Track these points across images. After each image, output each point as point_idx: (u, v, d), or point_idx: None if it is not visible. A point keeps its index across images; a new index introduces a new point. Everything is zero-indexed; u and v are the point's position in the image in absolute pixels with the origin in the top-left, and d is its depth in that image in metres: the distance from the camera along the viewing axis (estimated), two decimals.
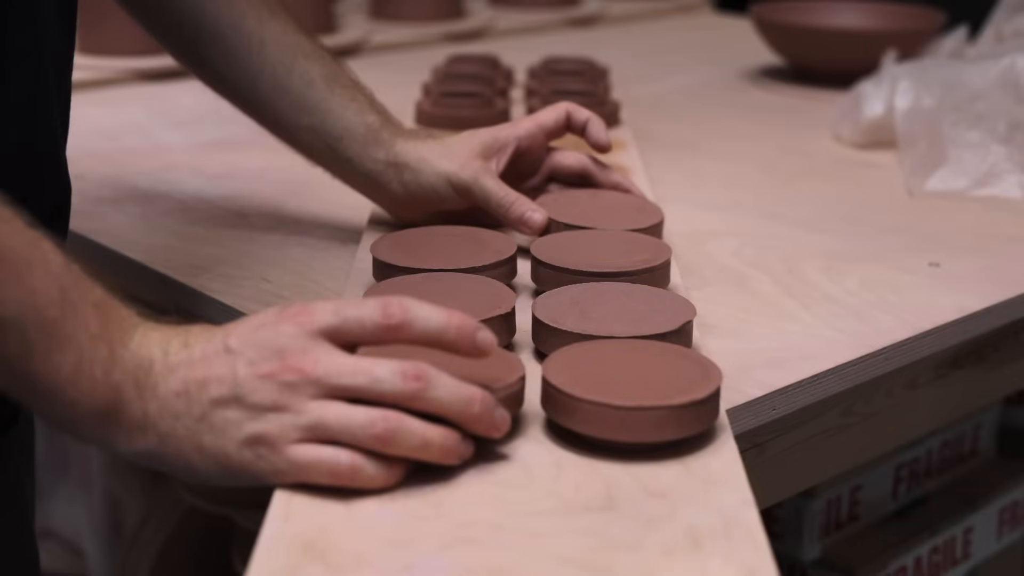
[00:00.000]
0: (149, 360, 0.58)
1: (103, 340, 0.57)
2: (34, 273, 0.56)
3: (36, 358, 0.56)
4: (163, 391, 0.58)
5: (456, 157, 0.89)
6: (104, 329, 0.57)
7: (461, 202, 0.89)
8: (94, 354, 0.57)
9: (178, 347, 0.59)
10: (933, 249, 0.98)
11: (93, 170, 1.13)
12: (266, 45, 0.90)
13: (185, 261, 0.93)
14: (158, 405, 0.58)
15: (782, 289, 0.89)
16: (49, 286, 0.56)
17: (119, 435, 0.58)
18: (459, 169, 0.88)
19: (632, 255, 0.80)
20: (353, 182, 0.93)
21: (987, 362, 0.94)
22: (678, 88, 1.56)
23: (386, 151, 0.90)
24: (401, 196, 0.90)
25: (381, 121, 0.91)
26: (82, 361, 0.56)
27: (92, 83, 1.44)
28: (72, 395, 0.57)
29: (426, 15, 1.83)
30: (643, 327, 0.69)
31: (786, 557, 1.08)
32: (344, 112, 0.90)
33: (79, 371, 0.56)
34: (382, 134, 0.90)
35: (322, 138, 0.90)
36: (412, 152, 0.89)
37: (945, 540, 1.13)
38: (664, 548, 0.53)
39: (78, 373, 0.56)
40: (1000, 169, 1.13)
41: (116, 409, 0.57)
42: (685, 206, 1.06)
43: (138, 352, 0.58)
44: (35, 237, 0.57)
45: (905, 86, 1.22)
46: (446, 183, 0.88)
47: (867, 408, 0.85)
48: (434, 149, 0.90)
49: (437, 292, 0.73)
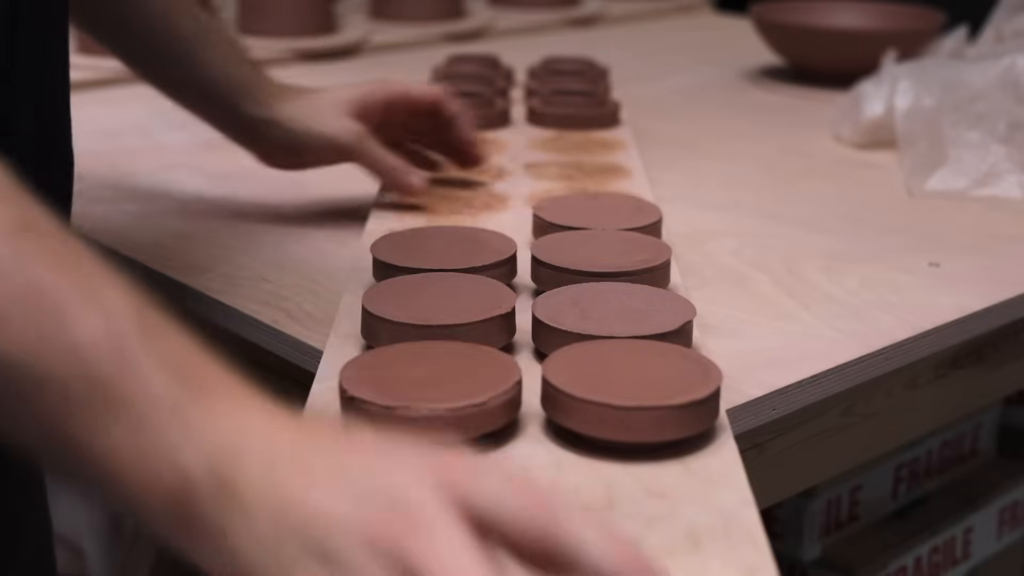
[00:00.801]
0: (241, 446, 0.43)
1: (174, 411, 0.44)
2: (83, 319, 0.44)
3: (83, 429, 0.44)
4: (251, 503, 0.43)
5: (330, 119, 0.93)
6: (178, 396, 0.44)
7: (335, 160, 0.96)
8: (159, 429, 0.44)
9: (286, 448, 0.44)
10: (933, 249, 0.98)
11: (93, 170, 1.13)
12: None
13: (185, 261, 0.93)
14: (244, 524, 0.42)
15: (782, 289, 0.89)
16: (102, 335, 0.44)
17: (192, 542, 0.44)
18: (338, 132, 0.93)
19: (632, 255, 0.80)
20: (228, 133, 0.97)
21: (987, 362, 0.94)
22: (678, 88, 1.56)
23: (258, 106, 0.94)
24: (273, 149, 0.96)
25: (253, 75, 0.94)
26: (143, 437, 0.44)
27: (92, 83, 1.44)
28: (130, 477, 0.44)
29: (426, 15, 1.83)
30: (643, 327, 0.69)
31: (786, 557, 1.08)
32: (217, 65, 0.93)
33: (137, 448, 0.44)
34: (253, 89, 0.94)
35: (196, 90, 0.94)
36: (285, 111, 0.94)
37: (945, 540, 1.13)
38: (664, 548, 0.53)
39: (136, 450, 0.44)
40: (1000, 169, 1.13)
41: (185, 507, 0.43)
42: (685, 206, 1.06)
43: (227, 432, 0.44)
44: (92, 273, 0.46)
45: (905, 86, 1.22)
46: (324, 144, 0.94)
47: (867, 408, 0.85)
48: (305, 109, 0.94)
49: (437, 292, 0.73)
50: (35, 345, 0.44)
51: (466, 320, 0.69)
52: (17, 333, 0.44)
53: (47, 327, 0.44)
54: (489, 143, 1.13)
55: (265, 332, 0.82)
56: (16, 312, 0.44)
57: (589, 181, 1.04)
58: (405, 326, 0.69)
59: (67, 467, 0.45)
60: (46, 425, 0.44)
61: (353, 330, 0.74)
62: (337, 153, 0.95)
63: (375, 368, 0.63)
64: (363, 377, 0.62)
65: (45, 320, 0.44)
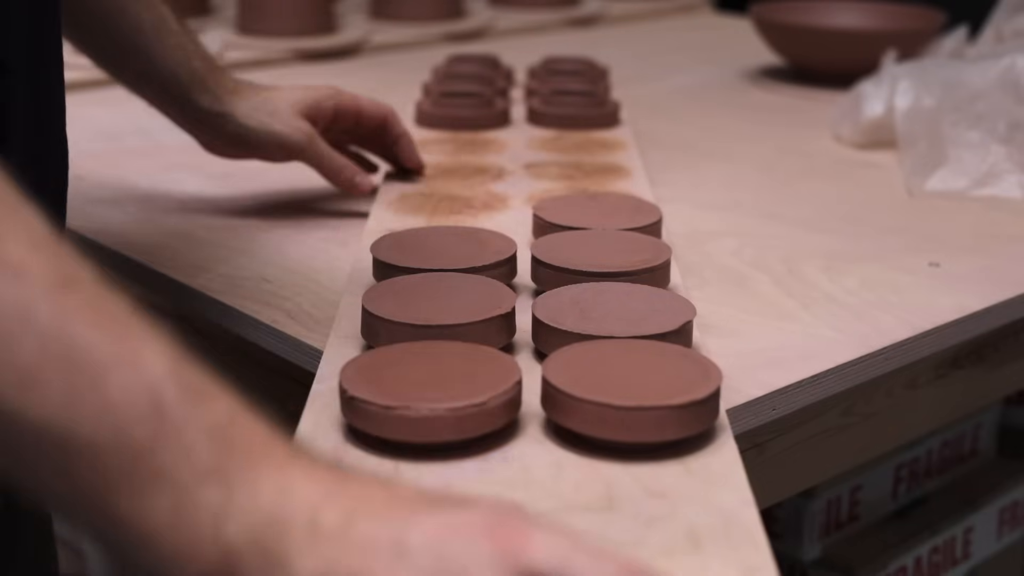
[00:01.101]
0: (287, 519, 0.42)
1: (217, 479, 0.42)
2: (119, 379, 0.42)
3: (119, 498, 0.41)
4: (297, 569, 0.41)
5: (283, 118, 0.97)
6: (221, 463, 0.42)
7: (283, 158, 0.99)
8: (199, 498, 0.42)
9: (337, 513, 0.42)
10: (933, 249, 0.98)
11: (93, 170, 1.13)
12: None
13: (185, 261, 0.93)
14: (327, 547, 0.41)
15: (782, 289, 0.89)
16: (139, 397, 0.42)
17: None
18: (291, 132, 0.97)
19: (632, 255, 0.80)
20: (182, 125, 0.99)
21: (987, 362, 0.94)
22: (678, 88, 1.56)
23: (211, 99, 0.96)
24: (225, 143, 0.99)
25: (206, 68, 0.96)
26: (181, 507, 0.41)
27: (92, 83, 1.44)
28: (168, 551, 0.42)
29: (426, 15, 1.83)
30: (643, 327, 0.69)
31: (786, 557, 1.08)
32: (170, 57, 0.94)
33: (177, 520, 0.41)
34: (207, 82, 0.96)
35: (150, 82, 0.96)
36: (238, 106, 0.97)
37: (945, 540, 1.13)
38: (664, 548, 0.53)
39: (176, 523, 0.41)
40: (1000, 169, 1.13)
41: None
42: (685, 206, 1.06)
43: (273, 503, 0.42)
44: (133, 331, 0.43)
45: (905, 86, 1.22)
46: (275, 141, 0.97)
47: (867, 408, 0.85)
48: (261, 106, 0.97)
49: (437, 292, 0.73)
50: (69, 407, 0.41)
51: (466, 320, 0.69)
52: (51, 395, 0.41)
53: (82, 389, 0.41)
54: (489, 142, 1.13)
55: (265, 332, 0.82)
56: (51, 374, 0.41)
57: (589, 181, 1.04)
58: (405, 326, 0.69)
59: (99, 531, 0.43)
60: (79, 491, 0.42)
61: (353, 330, 0.74)
62: (286, 151, 0.99)
63: (375, 368, 0.63)
64: (363, 377, 0.62)
65: (81, 382, 0.42)
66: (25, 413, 0.41)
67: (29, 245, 0.43)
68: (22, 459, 0.42)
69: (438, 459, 0.59)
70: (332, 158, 1.00)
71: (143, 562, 0.42)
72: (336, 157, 1.00)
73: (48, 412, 0.41)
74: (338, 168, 1.00)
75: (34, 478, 0.43)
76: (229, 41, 1.63)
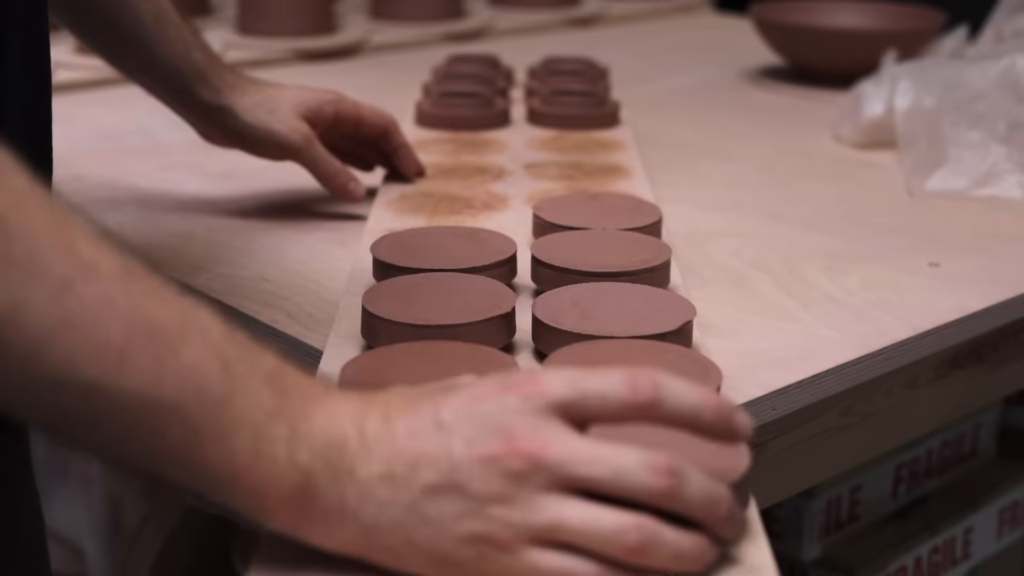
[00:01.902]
0: (342, 437, 0.50)
1: (282, 417, 0.49)
2: (192, 347, 0.49)
3: (206, 444, 0.48)
4: (363, 474, 0.49)
5: (283, 117, 0.98)
6: (281, 404, 0.50)
7: (278, 157, 1.00)
8: (273, 434, 0.49)
9: (377, 421, 0.50)
10: (933, 249, 0.98)
11: (93, 170, 1.13)
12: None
13: (185, 261, 0.93)
14: (357, 492, 0.49)
15: (782, 289, 0.89)
16: (210, 359, 0.49)
17: (314, 527, 0.50)
18: (289, 132, 0.98)
19: (632, 255, 0.80)
20: (181, 115, 1.00)
21: (987, 362, 0.94)
22: (678, 88, 1.56)
23: (211, 93, 0.97)
24: (224, 135, 0.99)
25: (206, 61, 0.96)
26: (260, 443, 0.49)
27: (92, 83, 1.44)
28: (253, 482, 0.49)
29: (426, 15, 1.83)
30: (643, 327, 0.69)
31: (786, 557, 1.08)
32: (170, 49, 0.94)
33: (257, 455, 0.49)
34: (207, 75, 0.96)
35: (150, 72, 0.96)
36: (238, 101, 0.97)
37: (945, 540, 1.13)
38: None
39: (256, 458, 0.49)
40: (1000, 169, 1.13)
41: (307, 496, 0.49)
42: (685, 206, 1.06)
43: (326, 428, 0.50)
44: (189, 306, 0.51)
45: (905, 86, 1.22)
46: (273, 140, 0.98)
47: (867, 408, 0.85)
48: (262, 104, 0.98)
49: (437, 292, 0.73)
50: (156, 376, 0.48)
51: (466, 320, 0.69)
52: (141, 367, 0.48)
53: (164, 359, 0.48)
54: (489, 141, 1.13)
55: (265, 332, 0.82)
56: (138, 350, 0.48)
57: (589, 181, 1.04)
58: (405, 326, 0.69)
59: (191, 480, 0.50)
60: (171, 446, 0.48)
61: (353, 330, 0.74)
62: (283, 151, 0.99)
63: (375, 368, 0.63)
64: (363, 377, 0.62)
65: (163, 352, 0.48)
66: (122, 386, 0.47)
67: (93, 245, 0.49)
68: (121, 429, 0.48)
69: None
70: (328, 162, 1.00)
71: (233, 501, 0.49)
72: (332, 162, 1.00)
73: (140, 382, 0.48)
74: (332, 173, 1.00)
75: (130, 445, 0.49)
76: (229, 41, 1.63)
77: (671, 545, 0.49)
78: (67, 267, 0.47)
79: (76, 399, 0.48)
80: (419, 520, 0.49)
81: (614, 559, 0.48)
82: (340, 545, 0.50)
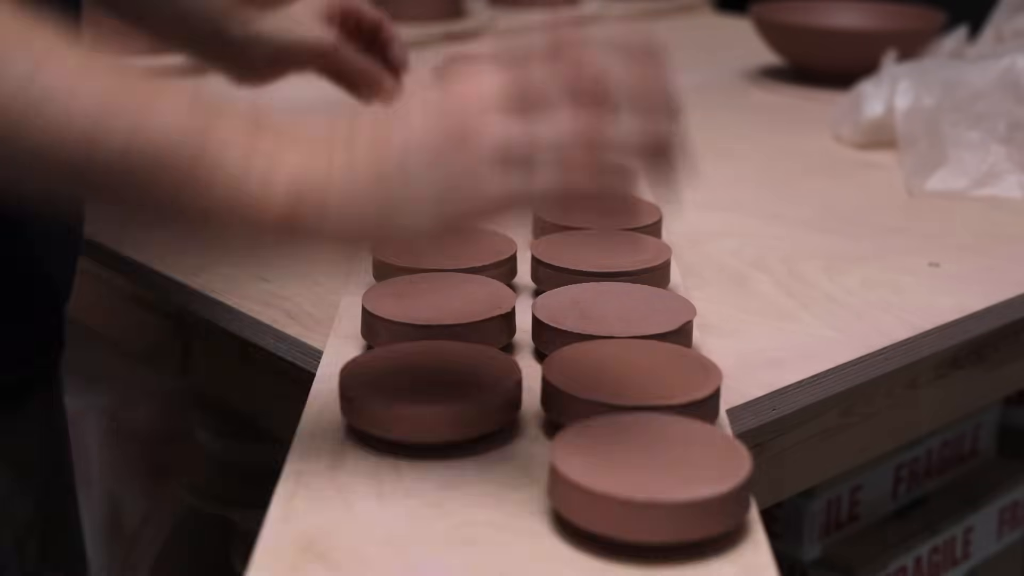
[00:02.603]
0: (315, 159, 0.55)
1: (262, 144, 0.55)
2: (166, 101, 0.54)
3: (197, 178, 0.53)
4: (340, 171, 0.54)
5: (310, 24, 0.98)
6: (256, 124, 0.55)
7: (312, 67, 1.00)
8: (263, 164, 0.54)
9: (343, 147, 0.55)
10: (933, 249, 0.98)
11: None
12: None
13: (185, 261, 0.93)
14: (345, 158, 0.54)
15: (782, 289, 0.89)
16: (190, 109, 0.54)
17: (297, 238, 0.55)
18: (320, 37, 0.98)
19: (632, 255, 0.80)
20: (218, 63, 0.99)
21: (987, 362, 0.94)
22: (678, 88, 1.55)
23: (239, 26, 0.97)
24: (260, 66, 0.98)
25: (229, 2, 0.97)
26: (249, 164, 0.54)
27: None
28: (251, 201, 0.54)
29: (426, 15, 1.82)
30: (643, 327, 0.69)
31: (786, 557, 1.08)
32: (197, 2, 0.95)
33: (247, 175, 0.54)
34: (231, 11, 0.97)
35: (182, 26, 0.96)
36: (267, 23, 0.97)
37: (945, 540, 1.13)
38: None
39: (245, 177, 0.54)
40: (1000, 169, 1.14)
41: (297, 205, 0.54)
42: (685, 206, 1.06)
43: (308, 150, 0.55)
44: (153, 77, 0.56)
45: (905, 86, 1.22)
46: (306, 49, 0.98)
47: (867, 408, 0.85)
48: (282, 19, 0.98)
49: (437, 292, 0.73)
50: (132, 135, 0.53)
51: (466, 320, 0.69)
52: (121, 125, 0.53)
53: (146, 114, 0.53)
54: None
55: (265, 332, 0.82)
56: (118, 108, 0.53)
57: None
58: (405, 326, 0.69)
59: (200, 215, 0.55)
60: (168, 196, 0.54)
61: (353, 330, 0.74)
62: (317, 57, 0.99)
63: (375, 368, 0.63)
64: (363, 377, 0.62)
65: (145, 106, 0.54)
66: (104, 149, 0.53)
67: (55, 38, 0.54)
68: (138, 188, 0.54)
69: (438, 459, 0.59)
70: (360, 60, 1.01)
71: (235, 226, 0.55)
72: (363, 60, 1.01)
73: (122, 140, 0.53)
74: (367, 69, 1.01)
75: (129, 199, 0.55)
76: None
77: (613, 132, 0.54)
78: (28, 61, 0.52)
79: (60, 169, 0.53)
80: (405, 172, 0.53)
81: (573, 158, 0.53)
82: (336, 229, 0.54)
